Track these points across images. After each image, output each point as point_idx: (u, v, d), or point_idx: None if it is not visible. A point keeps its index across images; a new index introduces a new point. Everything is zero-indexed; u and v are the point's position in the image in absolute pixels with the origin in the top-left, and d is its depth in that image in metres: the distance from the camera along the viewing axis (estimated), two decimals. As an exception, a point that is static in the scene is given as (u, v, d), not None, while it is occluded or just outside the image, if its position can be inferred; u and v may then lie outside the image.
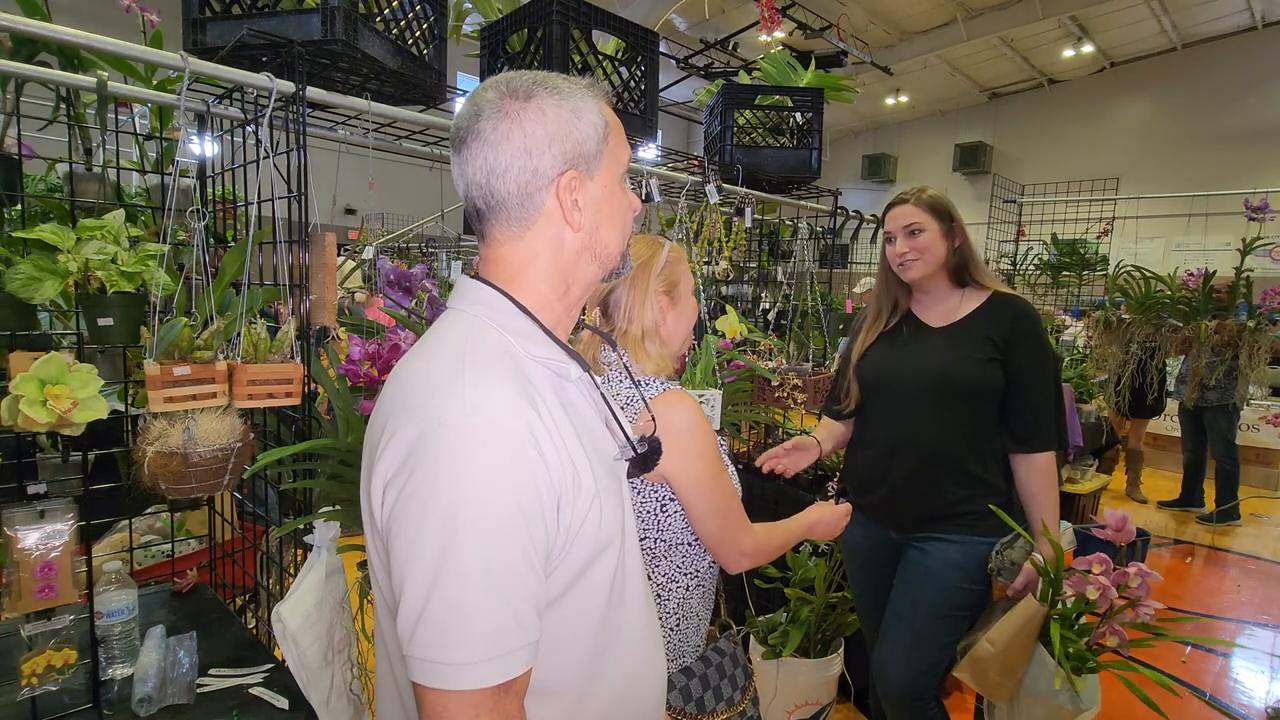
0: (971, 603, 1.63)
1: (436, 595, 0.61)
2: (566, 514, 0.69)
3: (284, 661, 1.36)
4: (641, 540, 1.19)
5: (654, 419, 0.98)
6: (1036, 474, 1.61)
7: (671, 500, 1.18)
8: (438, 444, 0.64)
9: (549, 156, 0.74)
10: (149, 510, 1.81)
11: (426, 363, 0.72)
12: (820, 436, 1.85)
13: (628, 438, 0.85)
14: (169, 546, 1.77)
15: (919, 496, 1.65)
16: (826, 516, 1.43)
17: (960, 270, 1.68)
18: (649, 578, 1.20)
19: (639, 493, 1.19)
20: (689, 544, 1.21)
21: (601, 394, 0.85)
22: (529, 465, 0.66)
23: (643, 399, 1.08)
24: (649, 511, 1.19)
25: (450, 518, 0.62)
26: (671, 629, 1.22)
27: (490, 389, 0.66)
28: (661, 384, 1.20)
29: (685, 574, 1.22)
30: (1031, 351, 1.61)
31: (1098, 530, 1.49)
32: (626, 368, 1.09)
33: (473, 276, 0.80)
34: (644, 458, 0.84)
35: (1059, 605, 1.44)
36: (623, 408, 1.18)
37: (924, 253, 1.66)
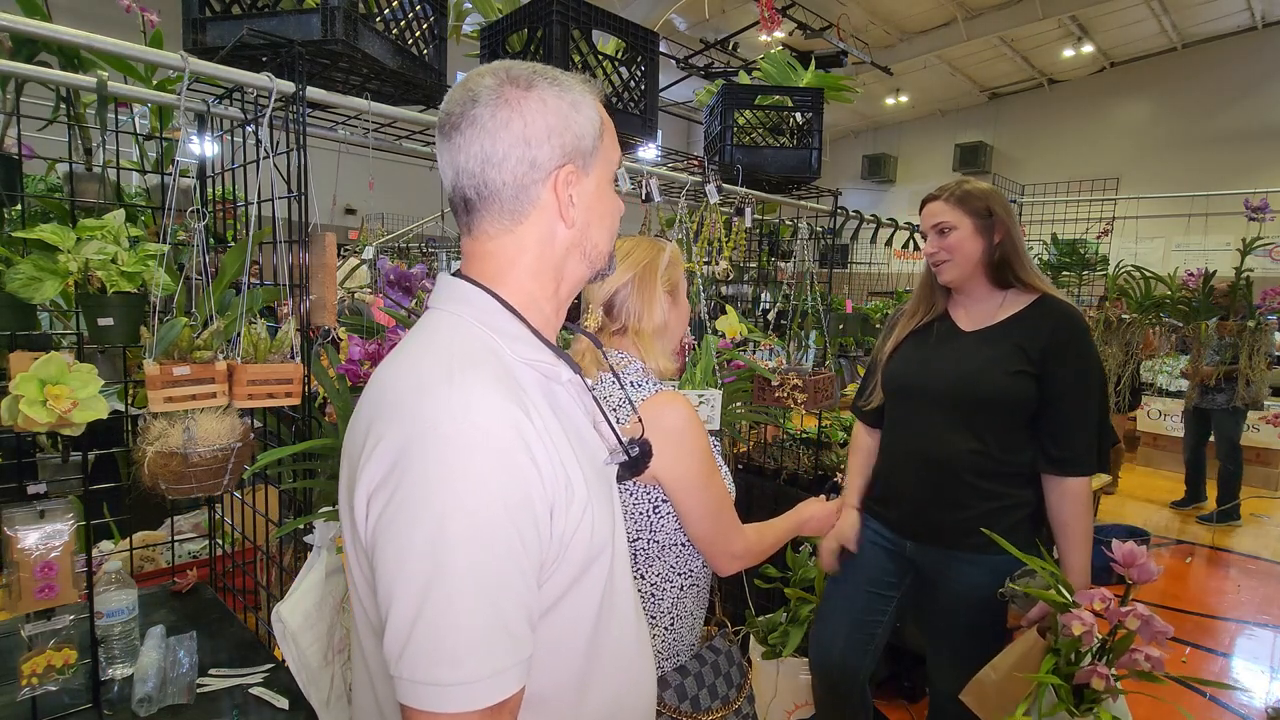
0: (1005, 616, 1.56)
1: (427, 613, 0.58)
2: (560, 522, 0.67)
3: (284, 661, 1.36)
4: (634, 541, 1.19)
5: (640, 420, 0.98)
6: (1068, 500, 1.49)
7: (664, 501, 1.18)
8: (425, 452, 0.61)
9: (548, 148, 0.72)
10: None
11: (409, 366, 0.69)
12: (856, 476, 1.78)
13: (620, 441, 0.83)
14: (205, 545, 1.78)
15: (937, 509, 1.58)
16: (818, 513, 1.43)
17: (1001, 269, 1.55)
18: (642, 578, 1.20)
19: (630, 494, 1.19)
20: (682, 544, 1.21)
21: (593, 396, 0.84)
22: (521, 472, 0.63)
23: (629, 401, 1.07)
24: (641, 513, 1.19)
25: (440, 530, 0.59)
26: (666, 629, 1.22)
27: (479, 393, 0.64)
28: (654, 385, 1.20)
29: (679, 574, 1.22)
30: (1070, 365, 1.48)
31: (1115, 566, 1.34)
32: (613, 369, 1.08)
33: (454, 274, 0.77)
34: (635, 461, 0.83)
35: (1054, 638, 1.35)
36: (613, 410, 1.18)
37: (954, 253, 1.56)
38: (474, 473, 0.60)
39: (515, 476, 0.63)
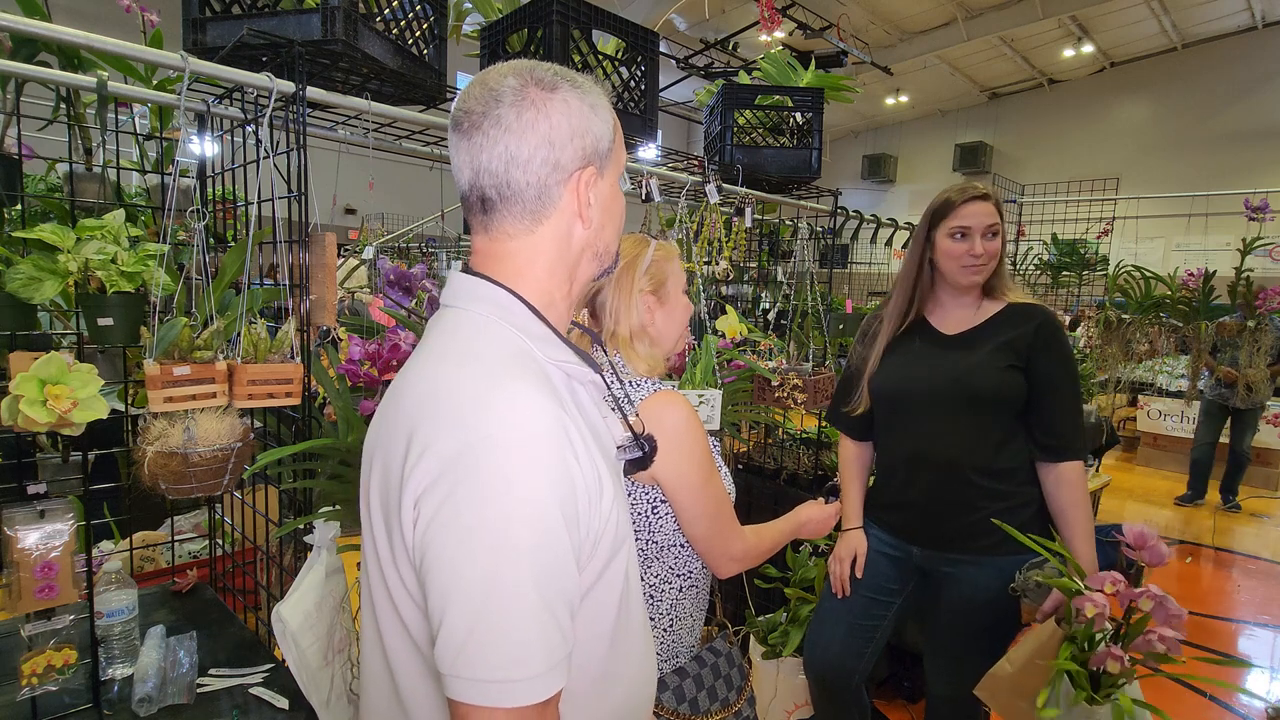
0: (1011, 616, 1.57)
1: (487, 613, 0.60)
2: (595, 518, 0.69)
3: (284, 661, 1.36)
4: None
5: (639, 418, 0.98)
6: (1065, 486, 1.53)
7: (663, 502, 1.18)
8: (480, 459, 0.62)
9: (571, 150, 0.73)
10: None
11: (451, 370, 0.69)
12: (852, 500, 1.78)
13: (637, 437, 0.85)
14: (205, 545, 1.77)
15: (945, 512, 1.58)
16: (816, 515, 1.43)
17: (992, 279, 1.61)
18: (641, 579, 1.20)
19: (629, 494, 1.19)
20: (681, 545, 1.21)
21: (612, 395, 0.85)
22: (569, 474, 0.65)
23: (628, 399, 1.07)
24: (640, 513, 1.19)
25: (501, 535, 0.60)
26: (664, 630, 1.22)
27: (528, 400, 0.65)
28: (654, 385, 1.20)
29: (678, 575, 1.22)
30: (1056, 359, 1.54)
31: (1126, 549, 1.36)
32: (614, 367, 1.08)
33: (467, 271, 0.77)
34: (643, 458, 0.85)
35: (1071, 627, 1.35)
36: (612, 409, 1.18)
37: (993, 258, 1.58)
38: (532, 479, 0.62)
39: (564, 475, 0.65)
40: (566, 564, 0.64)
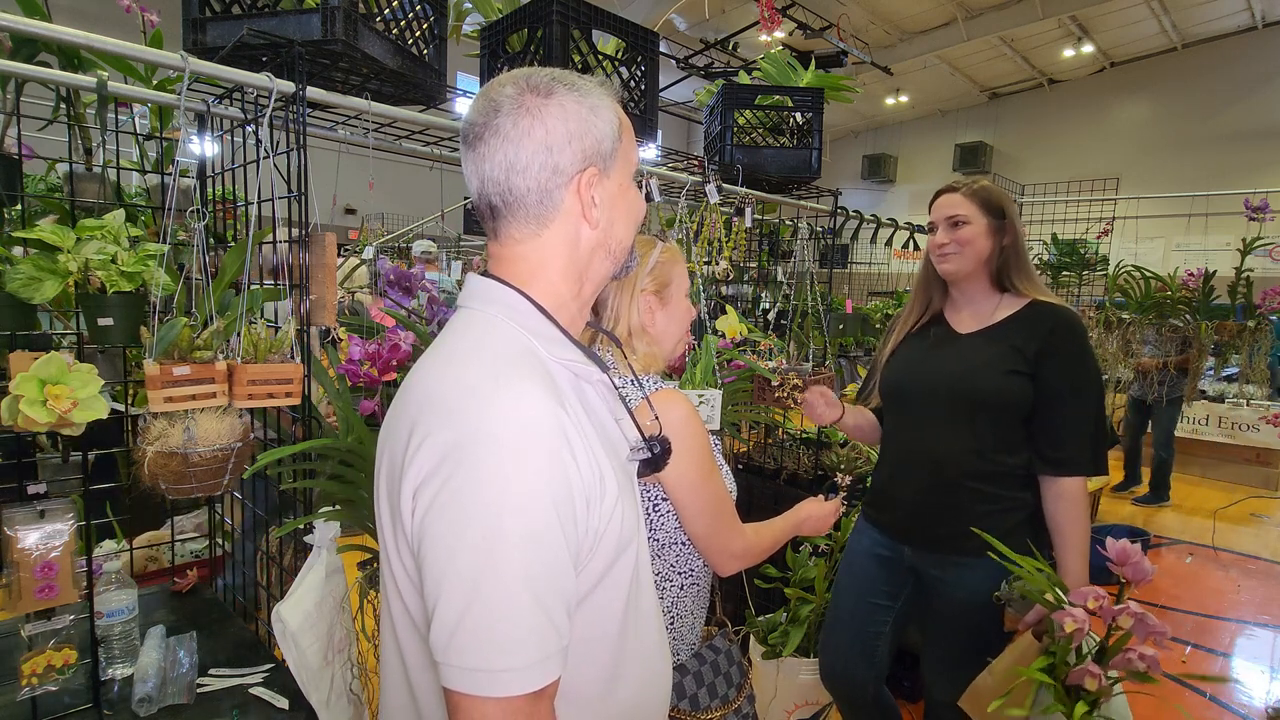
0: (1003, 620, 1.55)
1: (478, 603, 0.61)
2: (594, 516, 0.70)
3: (284, 661, 1.36)
4: None
5: (657, 419, 0.98)
6: (1063, 501, 1.48)
7: (664, 500, 1.18)
8: (476, 451, 0.63)
9: (569, 153, 0.74)
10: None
11: (454, 364, 0.71)
12: (849, 407, 1.78)
13: (645, 439, 0.85)
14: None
15: (935, 512, 1.57)
16: (816, 512, 1.43)
17: (1003, 273, 1.57)
18: None
19: None
20: (682, 543, 1.21)
21: (621, 395, 0.85)
22: (564, 469, 0.66)
23: (646, 399, 1.07)
24: (641, 511, 1.19)
25: (493, 526, 0.61)
26: (665, 627, 1.22)
27: (527, 395, 0.66)
28: (655, 383, 1.20)
29: (679, 573, 1.22)
30: (1067, 365, 1.49)
31: (1108, 563, 1.31)
32: (631, 368, 1.08)
33: (483, 274, 0.79)
34: (656, 459, 0.85)
35: (1051, 641, 1.32)
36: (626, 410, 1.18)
37: (964, 246, 1.56)
38: (525, 472, 0.63)
39: (560, 474, 0.65)
40: (560, 560, 0.65)
